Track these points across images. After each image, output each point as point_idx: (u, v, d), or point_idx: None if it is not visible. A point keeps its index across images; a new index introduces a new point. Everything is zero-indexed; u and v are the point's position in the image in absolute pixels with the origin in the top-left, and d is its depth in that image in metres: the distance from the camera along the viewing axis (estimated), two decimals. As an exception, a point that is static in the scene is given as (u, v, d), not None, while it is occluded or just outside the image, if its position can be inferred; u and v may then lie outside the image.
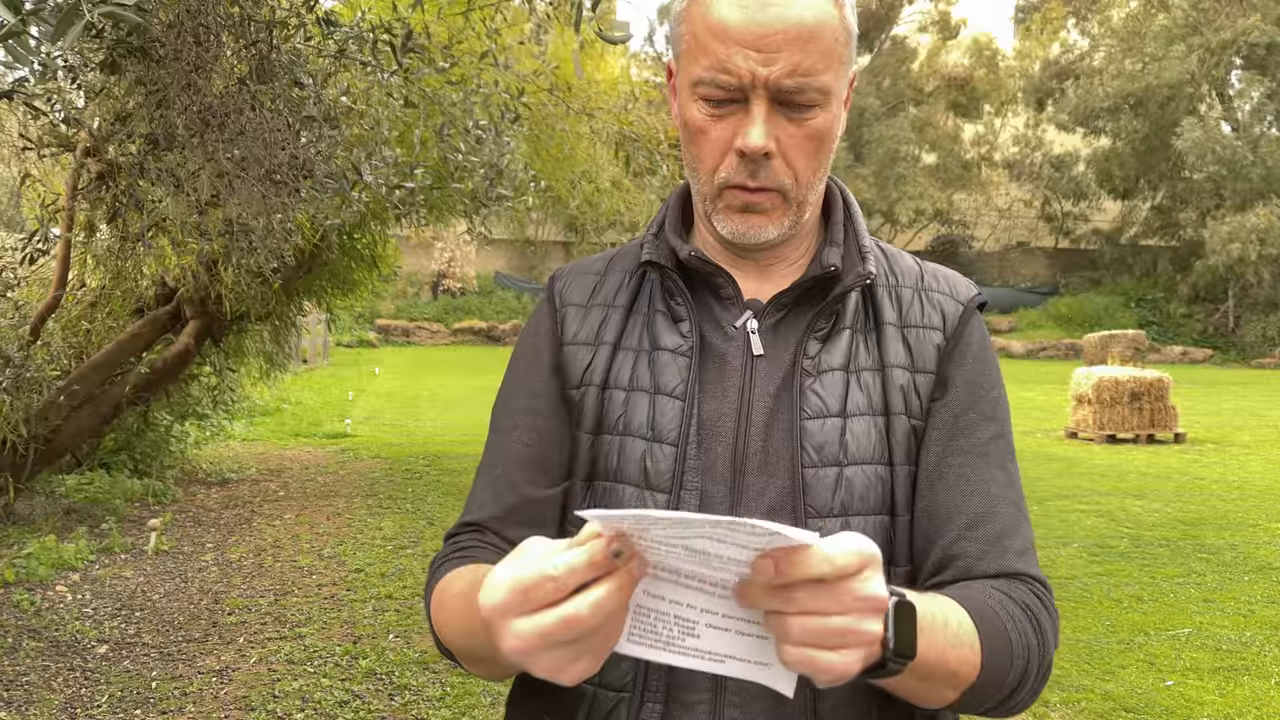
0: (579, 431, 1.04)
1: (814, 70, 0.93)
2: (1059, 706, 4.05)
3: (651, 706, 0.96)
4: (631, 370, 1.03)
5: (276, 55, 3.06)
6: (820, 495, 0.96)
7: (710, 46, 0.94)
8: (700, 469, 0.99)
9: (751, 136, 0.94)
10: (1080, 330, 28.42)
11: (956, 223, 35.41)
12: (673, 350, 1.02)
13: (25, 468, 5.87)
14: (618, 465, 1.01)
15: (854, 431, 0.98)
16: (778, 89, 0.93)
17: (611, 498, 1.00)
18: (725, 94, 0.94)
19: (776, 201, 0.99)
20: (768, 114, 0.94)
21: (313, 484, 8.76)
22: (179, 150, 3.14)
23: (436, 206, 6.87)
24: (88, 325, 6.78)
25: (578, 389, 1.05)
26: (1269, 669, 4.47)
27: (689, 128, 0.99)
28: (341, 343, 26.20)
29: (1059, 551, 6.54)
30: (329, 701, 3.97)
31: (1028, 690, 0.93)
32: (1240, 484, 9.10)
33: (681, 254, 1.04)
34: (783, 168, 0.97)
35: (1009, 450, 1.05)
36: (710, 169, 0.99)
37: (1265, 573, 6.06)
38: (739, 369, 1.02)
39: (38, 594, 5.16)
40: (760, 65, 0.92)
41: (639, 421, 1.01)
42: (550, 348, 1.09)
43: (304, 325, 10.79)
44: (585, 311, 1.09)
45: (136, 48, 2.77)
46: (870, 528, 0.97)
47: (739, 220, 1.00)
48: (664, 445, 0.99)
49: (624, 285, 1.09)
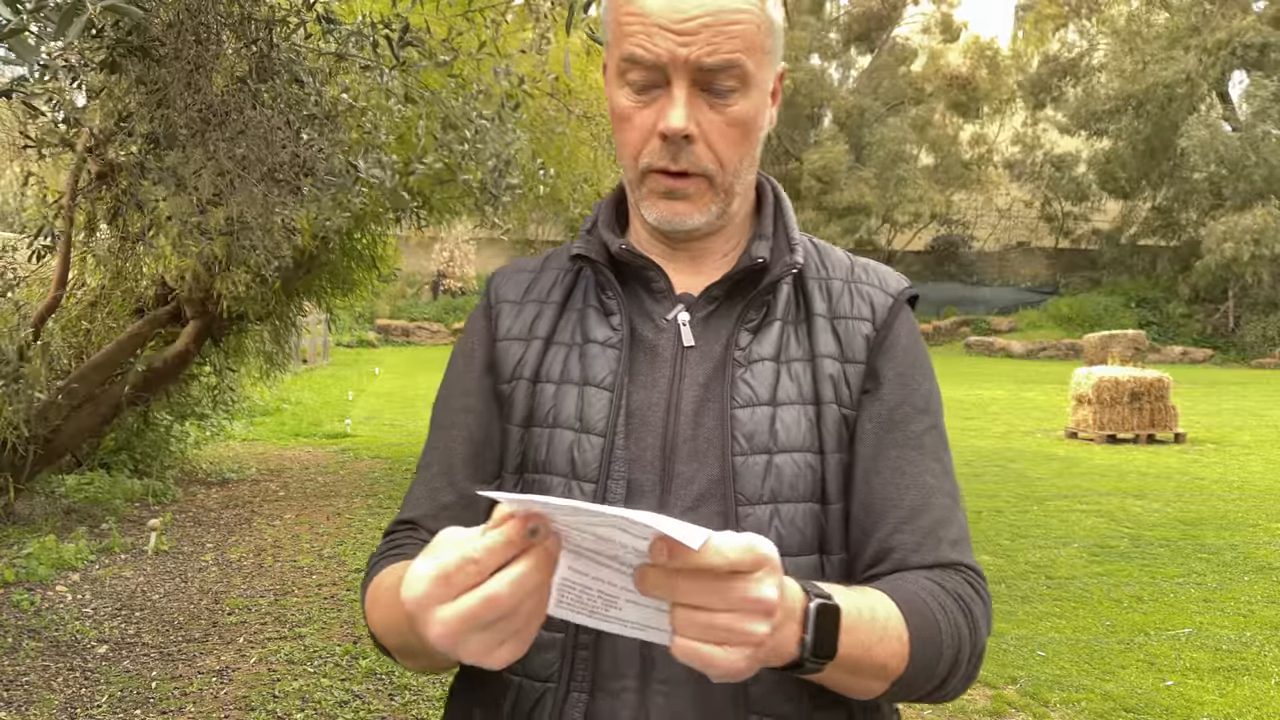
0: (509, 425, 1.05)
1: (733, 52, 0.94)
2: (1059, 706, 4.05)
3: (577, 696, 0.96)
4: (563, 364, 1.04)
5: (277, 53, 3.06)
6: (750, 482, 0.97)
7: (631, 30, 0.95)
8: (628, 459, 0.99)
9: (671, 118, 0.95)
10: (1080, 330, 28.41)
11: (956, 223, 35.41)
12: (602, 342, 1.03)
13: (25, 468, 5.87)
14: (546, 457, 1.01)
15: (784, 420, 0.99)
16: (698, 68, 0.94)
17: (540, 489, 1.01)
18: (647, 76, 0.96)
19: (702, 187, 1.00)
20: (688, 97, 0.95)
21: (313, 484, 8.76)
22: (180, 149, 3.14)
23: (437, 206, 6.87)
24: (88, 325, 6.78)
25: (509, 383, 1.06)
26: (1269, 669, 4.47)
27: (616, 114, 1.00)
28: (341, 343, 26.20)
29: (1059, 551, 6.54)
30: (329, 701, 3.97)
31: (960, 678, 0.95)
32: (1240, 484, 9.10)
33: (613, 248, 1.05)
34: (705, 152, 0.98)
35: (942, 441, 1.06)
36: (634, 154, 1.00)
37: (1265, 573, 6.06)
38: (669, 360, 1.03)
39: (38, 594, 5.16)
40: (679, 46, 0.93)
41: (568, 413, 1.01)
42: (485, 345, 1.10)
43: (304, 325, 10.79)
44: (519, 308, 1.10)
45: (137, 47, 2.77)
46: (801, 515, 0.98)
47: (664, 206, 1.01)
48: (591, 436, 1.00)
49: (558, 281, 1.11)
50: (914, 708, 4.02)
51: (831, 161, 31.34)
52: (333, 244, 6.76)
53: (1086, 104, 31.58)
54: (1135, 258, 32.56)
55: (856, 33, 36.56)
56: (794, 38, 33.55)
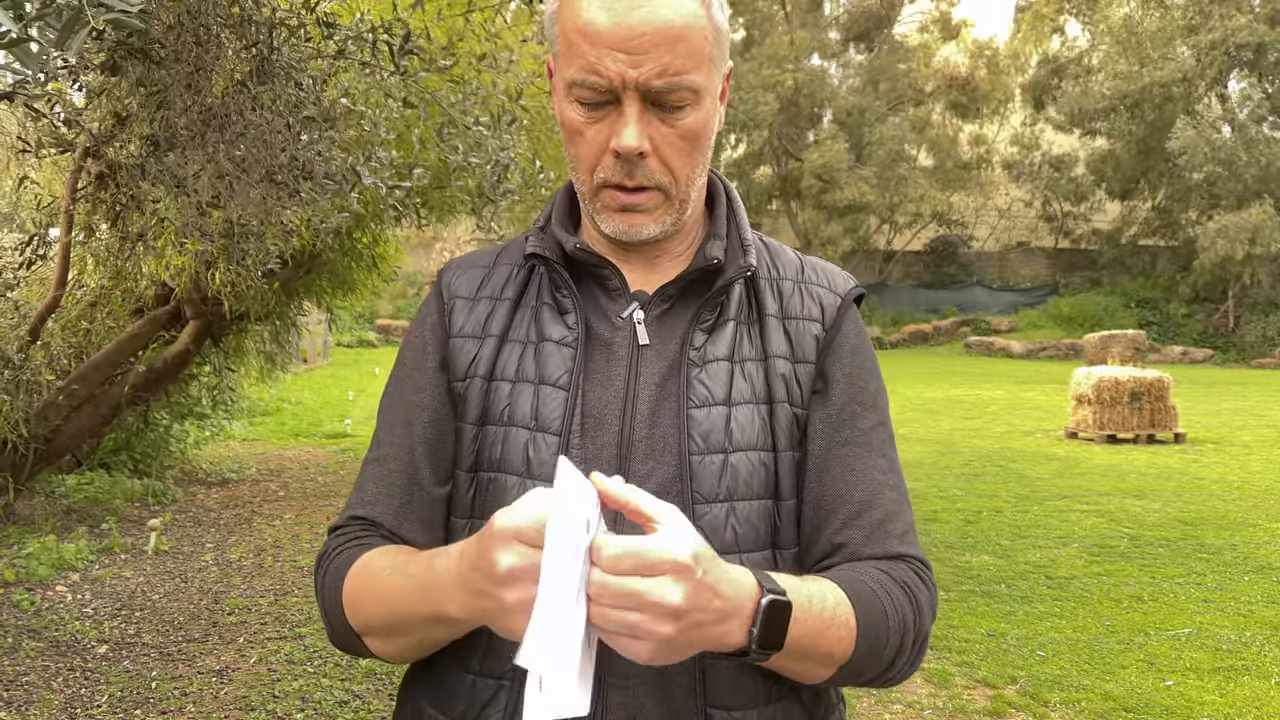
0: (463, 423, 1.05)
1: (683, 70, 0.95)
2: (1059, 706, 4.05)
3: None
4: (518, 362, 1.05)
5: (277, 56, 3.06)
6: (706, 481, 0.98)
7: (581, 49, 0.95)
8: (584, 457, 1.00)
9: (625, 137, 0.96)
10: (1080, 330, 28.41)
11: (956, 223, 35.40)
12: (558, 341, 1.04)
13: (25, 468, 5.87)
14: (501, 455, 1.02)
15: (738, 419, 1.01)
16: (648, 89, 0.95)
17: (495, 488, 1.01)
18: (598, 96, 0.96)
19: (657, 200, 1.01)
20: (640, 114, 0.96)
21: (313, 484, 8.76)
22: (179, 151, 3.15)
23: (437, 206, 6.87)
24: (87, 325, 6.78)
25: (463, 381, 1.06)
26: (1269, 669, 4.47)
27: (567, 128, 1.00)
28: (341, 343, 26.21)
29: (1059, 551, 6.54)
30: (329, 701, 3.97)
31: (905, 662, 0.98)
32: (1240, 484, 9.11)
33: (567, 246, 1.06)
34: (659, 167, 0.99)
35: (889, 438, 1.09)
36: (588, 169, 1.00)
37: (1265, 573, 6.06)
38: (625, 359, 1.04)
39: (38, 594, 5.17)
40: (629, 67, 0.93)
41: (523, 412, 1.02)
42: (437, 341, 1.10)
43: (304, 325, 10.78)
44: (472, 304, 1.10)
45: (137, 49, 2.77)
46: (755, 512, 1.00)
47: (619, 219, 1.02)
48: (547, 435, 1.00)
49: (512, 278, 1.11)
50: (914, 707, 4.02)
51: (832, 160, 31.34)
52: (332, 244, 6.75)
53: (1082, 104, 31.57)
54: (1135, 258, 32.55)
55: (856, 32, 36.54)
56: (794, 38, 33.55)
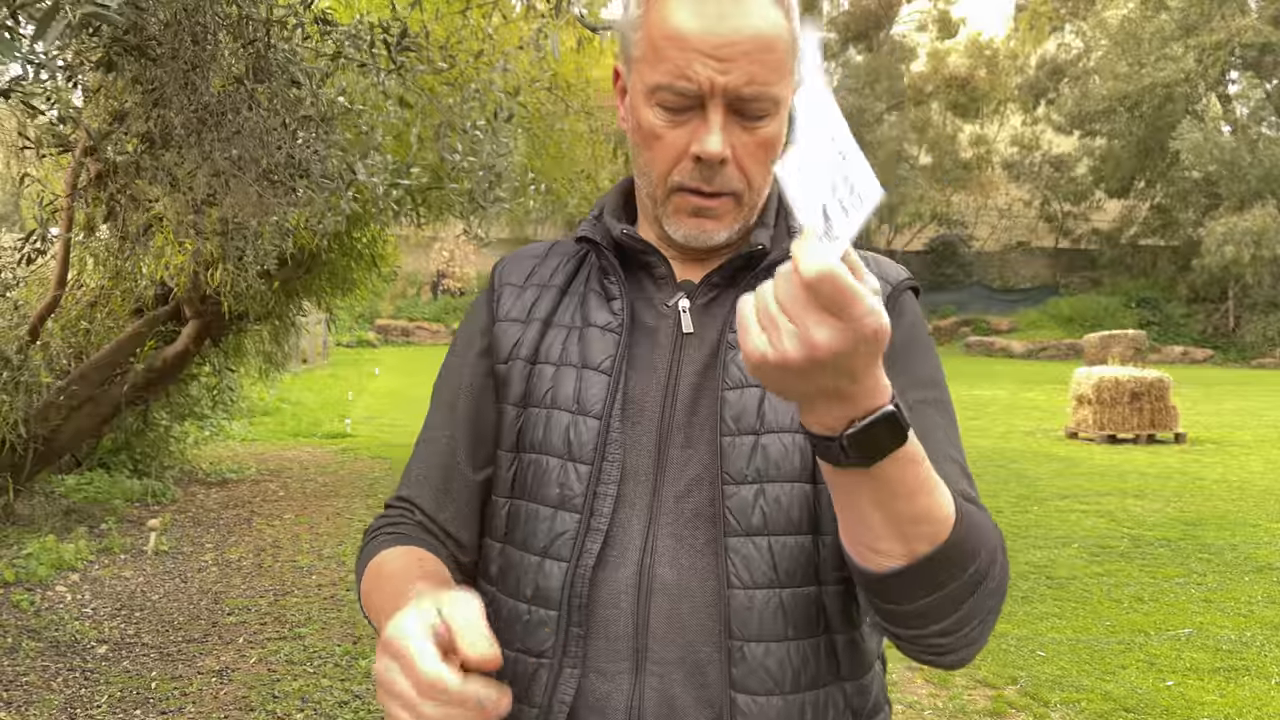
0: (505, 404, 1.07)
1: (769, 80, 0.95)
2: (1059, 706, 4.05)
3: (570, 673, 0.98)
4: (562, 346, 1.06)
5: (274, 54, 3.05)
6: (736, 462, 0.97)
7: (668, 54, 0.95)
8: (624, 442, 1.00)
9: (709, 143, 0.96)
10: (1080, 330, 28.41)
11: (956, 223, 35.39)
12: (602, 326, 1.05)
13: (25, 468, 5.87)
14: (544, 437, 1.03)
15: (772, 401, 0.99)
16: (736, 97, 0.95)
17: (536, 469, 1.03)
18: (683, 101, 0.96)
19: (729, 205, 1.01)
20: (724, 121, 0.96)
21: (313, 484, 8.76)
22: (176, 149, 3.14)
23: (435, 205, 6.87)
24: (87, 325, 6.78)
25: (505, 363, 1.08)
26: (1269, 669, 4.46)
27: (643, 131, 1.00)
28: (341, 343, 26.20)
29: (1059, 551, 6.53)
30: (329, 701, 3.96)
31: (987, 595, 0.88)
32: (1240, 484, 9.10)
33: (615, 232, 1.06)
34: (736, 173, 0.99)
35: (950, 417, 1.04)
36: (664, 173, 1.00)
37: (1265, 573, 6.05)
38: (668, 346, 1.04)
39: (37, 594, 5.16)
40: (718, 74, 0.94)
41: (566, 395, 1.03)
42: (483, 326, 1.12)
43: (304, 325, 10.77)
44: (520, 291, 1.12)
45: (133, 46, 2.77)
46: (788, 495, 0.97)
47: (691, 224, 1.02)
48: (588, 419, 1.01)
49: (561, 267, 1.13)
50: (914, 707, 4.01)
51: (831, 161, 31.29)
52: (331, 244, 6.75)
53: (1082, 104, 31.57)
54: (1135, 258, 32.57)
55: (854, 31, 36.54)
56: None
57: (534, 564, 1.01)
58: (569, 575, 0.98)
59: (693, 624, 0.97)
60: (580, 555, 0.98)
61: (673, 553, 0.98)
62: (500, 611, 1.03)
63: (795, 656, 0.96)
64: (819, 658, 0.98)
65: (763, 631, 0.96)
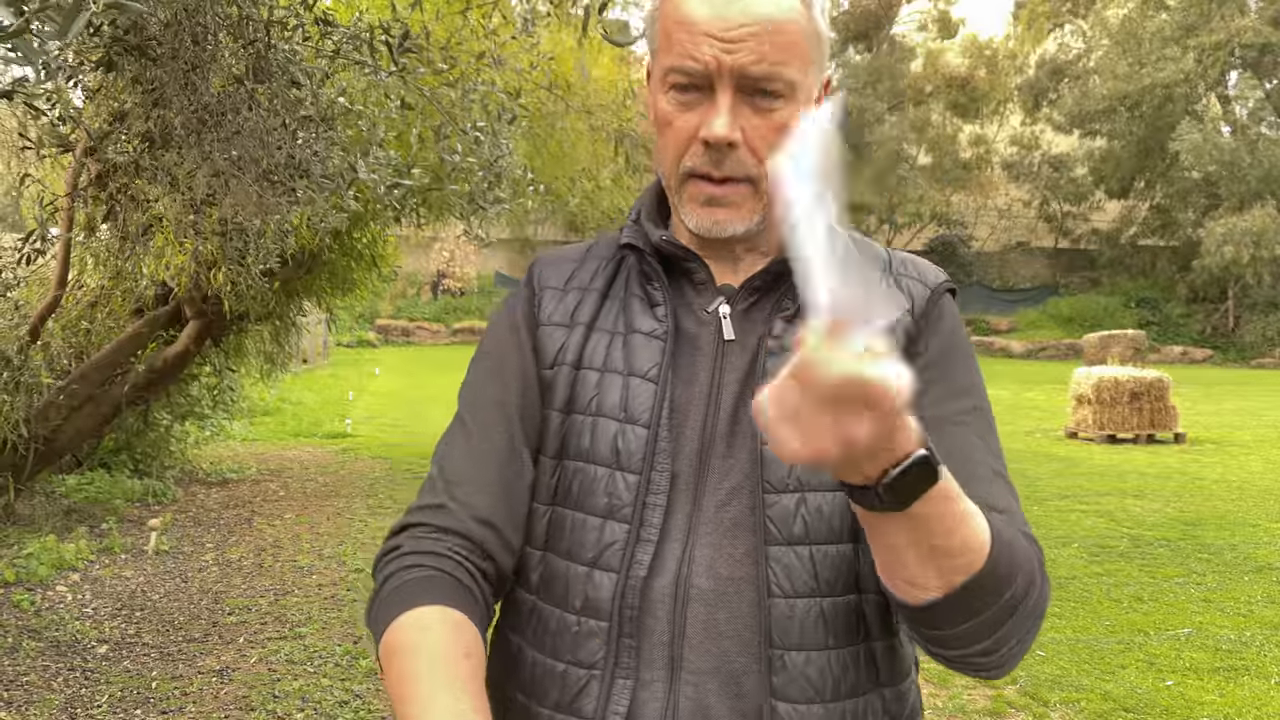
0: (550, 410, 1.05)
1: (780, 61, 0.94)
2: (1059, 706, 4.05)
3: (623, 684, 0.96)
4: (606, 351, 1.04)
5: (274, 54, 3.06)
6: (777, 471, 0.97)
7: (678, 37, 0.96)
8: (670, 451, 1.00)
9: (715, 125, 0.95)
10: (1080, 330, 28.40)
11: (955, 223, 35.39)
12: (647, 334, 1.04)
13: (25, 468, 5.87)
14: (590, 445, 1.01)
15: None
16: (743, 76, 0.94)
17: (583, 477, 1.01)
18: (691, 81, 0.96)
19: (744, 194, 0.99)
20: (732, 104, 0.95)
21: (313, 484, 8.76)
22: (176, 149, 3.14)
23: (435, 205, 6.87)
24: (87, 325, 6.78)
25: (551, 369, 1.06)
26: (1269, 669, 4.47)
27: (659, 119, 1.00)
28: (341, 343, 26.19)
29: (1059, 551, 6.53)
30: (329, 701, 3.97)
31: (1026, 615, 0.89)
32: (1240, 484, 9.10)
33: (654, 238, 1.06)
34: (749, 157, 0.97)
35: (989, 425, 1.06)
36: (675, 158, 1.00)
37: (1265, 573, 6.06)
38: (710, 354, 1.03)
39: (38, 594, 5.16)
40: (725, 54, 0.94)
41: (612, 402, 1.01)
42: (527, 328, 1.10)
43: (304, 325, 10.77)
44: (562, 294, 1.10)
45: (134, 46, 2.77)
46: (829, 504, 0.97)
47: (704, 214, 1.00)
48: (636, 427, 1.00)
49: (600, 270, 1.11)
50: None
51: (831, 161, 31.31)
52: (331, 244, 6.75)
53: (1082, 103, 31.57)
54: (1134, 258, 32.57)
55: (855, 31, 36.54)
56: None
57: (582, 574, 0.99)
58: (619, 586, 0.97)
59: (729, 633, 0.96)
60: (631, 566, 0.97)
61: (710, 561, 0.97)
62: (547, 624, 1.01)
63: (836, 665, 0.96)
64: (859, 666, 0.99)
65: (804, 640, 0.96)
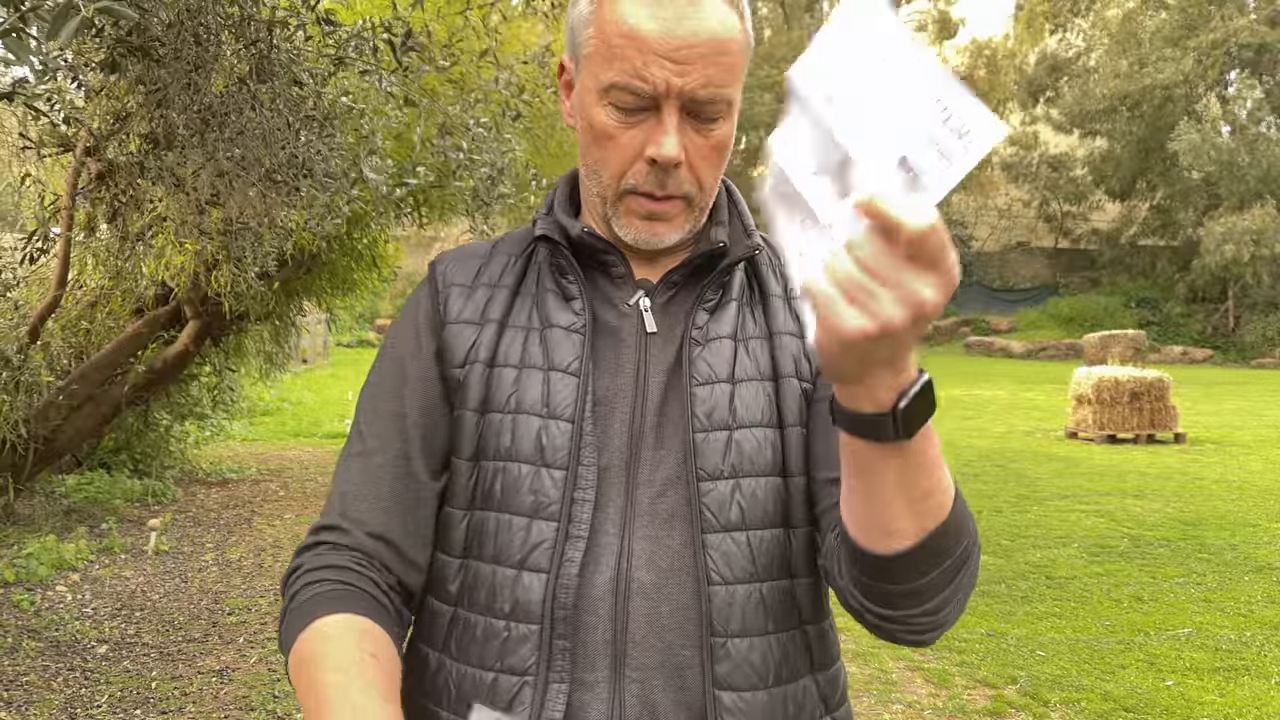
0: (463, 410, 1.02)
1: (724, 83, 0.95)
2: (1059, 706, 4.05)
3: (557, 688, 0.94)
4: (523, 348, 1.02)
5: (276, 54, 3.06)
6: (710, 458, 0.97)
7: (625, 53, 0.93)
8: (597, 445, 0.99)
9: (665, 146, 0.95)
10: (1080, 330, 28.42)
11: (955, 223, 35.40)
12: (565, 327, 1.02)
13: (25, 468, 5.86)
14: (511, 443, 0.99)
15: (742, 396, 0.99)
16: (691, 99, 0.94)
17: (505, 477, 0.99)
18: (638, 101, 0.95)
19: (680, 208, 1.00)
20: (678, 124, 0.95)
21: (313, 484, 8.76)
22: (179, 150, 3.14)
23: (437, 205, 6.87)
24: (87, 325, 6.77)
25: (461, 367, 1.03)
26: (1269, 669, 4.47)
27: (594, 131, 0.98)
28: (341, 342, 26.19)
29: (1059, 551, 6.54)
30: (329, 701, 3.96)
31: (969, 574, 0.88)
32: (1240, 484, 9.10)
33: (572, 232, 1.04)
34: (688, 176, 0.98)
35: None
36: (616, 174, 0.99)
37: (1265, 573, 6.06)
38: (633, 346, 1.03)
39: (38, 594, 5.16)
40: (675, 76, 0.93)
41: (533, 398, 0.99)
42: (431, 328, 1.07)
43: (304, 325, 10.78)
44: (469, 291, 1.07)
45: (136, 47, 2.77)
46: (762, 489, 0.98)
47: (642, 226, 1.01)
48: (560, 421, 0.98)
49: (509, 266, 1.09)
50: (914, 707, 4.02)
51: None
52: (332, 244, 6.76)
53: (1082, 102, 31.58)
54: (1134, 258, 32.57)
55: (856, 32, 36.53)
56: (792, 38, 33.52)
57: (510, 577, 0.97)
58: (550, 587, 0.95)
59: (672, 625, 0.96)
60: (561, 565, 0.95)
61: (649, 554, 0.97)
62: (473, 632, 0.98)
63: (776, 650, 0.97)
64: (796, 650, 1.00)
65: (745, 626, 0.96)
